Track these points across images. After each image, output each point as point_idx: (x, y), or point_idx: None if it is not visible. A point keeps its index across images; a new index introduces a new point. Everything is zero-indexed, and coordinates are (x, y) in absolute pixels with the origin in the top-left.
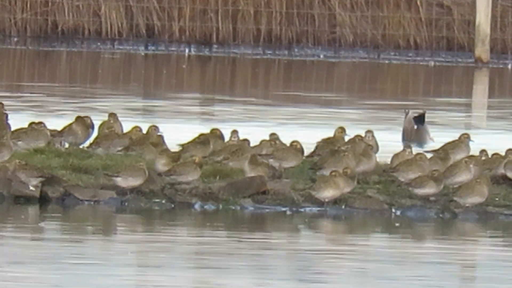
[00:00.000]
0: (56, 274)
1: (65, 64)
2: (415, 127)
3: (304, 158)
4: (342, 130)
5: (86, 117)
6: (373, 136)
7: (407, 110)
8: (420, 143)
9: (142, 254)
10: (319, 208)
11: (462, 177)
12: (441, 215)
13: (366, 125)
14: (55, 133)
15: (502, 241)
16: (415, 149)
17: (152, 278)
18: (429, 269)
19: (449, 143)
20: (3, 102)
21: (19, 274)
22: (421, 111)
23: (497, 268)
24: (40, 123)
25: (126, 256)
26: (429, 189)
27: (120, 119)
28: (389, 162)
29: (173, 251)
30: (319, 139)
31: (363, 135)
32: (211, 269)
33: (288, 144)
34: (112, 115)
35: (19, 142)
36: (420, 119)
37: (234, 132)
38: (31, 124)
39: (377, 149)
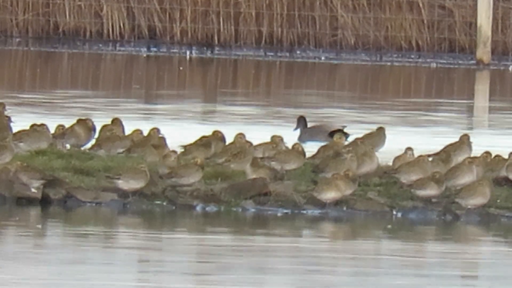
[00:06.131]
0: (57, 276)
1: (66, 65)
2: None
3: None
4: (341, 136)
5: (88, 119)
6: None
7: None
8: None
9: (143, 256)
10: (320, 210)
11: (465, 178)
12: (442, 217)
13: (368, 127)
14: (56, 135)
15: (504, 243)
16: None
17: (153, 280)
18: (430, 270)
19: (450, 144)
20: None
21: (20, 275)
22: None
23: (499, 270)
24: (42, 125)
25: (127, 257)
26: (431, 191)
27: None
28: (390, 164)
29: (174, 252)
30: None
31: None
32: (212, 271)
33: (290, 147)
34: (116, 120)
35: (21, 144)
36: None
37: (240, 134)
38: (32, 126)
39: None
